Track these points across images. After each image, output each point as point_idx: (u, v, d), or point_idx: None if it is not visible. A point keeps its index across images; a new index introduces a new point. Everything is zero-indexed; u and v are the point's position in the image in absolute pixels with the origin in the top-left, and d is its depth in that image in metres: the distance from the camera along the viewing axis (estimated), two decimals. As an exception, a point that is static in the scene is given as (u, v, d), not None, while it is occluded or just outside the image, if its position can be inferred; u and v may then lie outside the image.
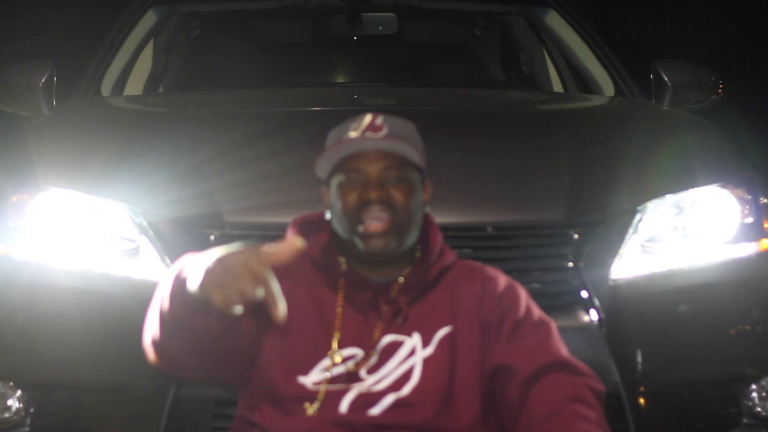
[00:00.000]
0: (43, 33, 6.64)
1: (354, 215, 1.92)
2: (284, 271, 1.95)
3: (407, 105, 3.44)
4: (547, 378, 1.89)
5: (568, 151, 2.75)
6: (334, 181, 1.96)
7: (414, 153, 1.95)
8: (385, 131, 1.94)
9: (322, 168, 1.99)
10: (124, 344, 2.39)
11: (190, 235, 2.44)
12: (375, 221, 1.91)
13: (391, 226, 1.91)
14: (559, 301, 2.44)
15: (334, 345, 1.91)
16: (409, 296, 1.96)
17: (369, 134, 1.93)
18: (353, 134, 1.94)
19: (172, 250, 2.42)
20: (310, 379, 1.90)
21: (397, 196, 1.92)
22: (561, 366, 1.91)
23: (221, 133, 2.85)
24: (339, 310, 1.94)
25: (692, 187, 2.62)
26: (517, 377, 1.90)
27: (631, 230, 2.52)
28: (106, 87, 3.68)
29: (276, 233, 2.29)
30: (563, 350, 1.95)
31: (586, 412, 1.84)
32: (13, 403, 2.48)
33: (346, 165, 1.94)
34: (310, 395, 1.89)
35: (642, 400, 2.44)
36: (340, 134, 1.97)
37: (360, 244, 1.92)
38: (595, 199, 2.57)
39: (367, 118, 1.96)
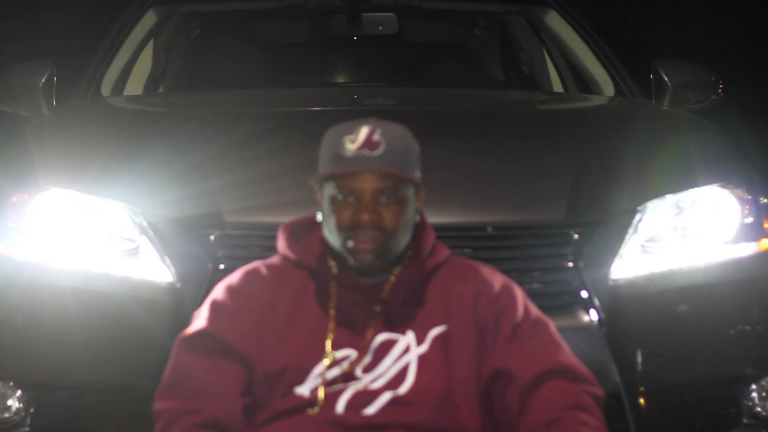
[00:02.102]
0: (43, 33, 6.62)
1: (345, 233, 1.91)
2: (268, 284, 1.96)
3: (407, 105, 3.43)
4: (547, 385, 1.89)
5: (568, 151, 2.75)
6: (327, 191, 1.94)
7: (409, 174, 1.93)
8: (381, 150, 1.90)
9: (317, 178, 1.97)
10: (124, 344, 2.40)
11: (190, 235, 2.44)
12: (364, 240, 1.90)
13: (379, 246, 1.91)
14: (559, 301, 2.44)
15: (328, 347, 1.91)
16: (401, 295, 1.95)
17: (366, 152, 1.90)
18: (350, 147, 1.90)
19: (172, 250, 2.43)
20: (307, 387, 1.90)
21: (388, 218, 1.91)
22: (561, 372, 1.91)
23: (221, 133, 2.85)
24: (332, 312, 1.94)
25: (692, 187, 2.62)
26: (517, 383, 1.90)
27: (631, 230, 2.52)
28: (106, 87, 3.67)
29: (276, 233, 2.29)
30: (563, 353, 1.95)
31: (587, 419, 1.85)
32: (13, 403, 2.48)
33: (341, 179, 1.92)
34: (309, 402, 1.89)
35: (642, 400, 2.44)
36: (335, 146, 1.93)
37: (349, 258, 1.92)
38: (595, 199, 2.57)
39: (364, 132, 1.91)
